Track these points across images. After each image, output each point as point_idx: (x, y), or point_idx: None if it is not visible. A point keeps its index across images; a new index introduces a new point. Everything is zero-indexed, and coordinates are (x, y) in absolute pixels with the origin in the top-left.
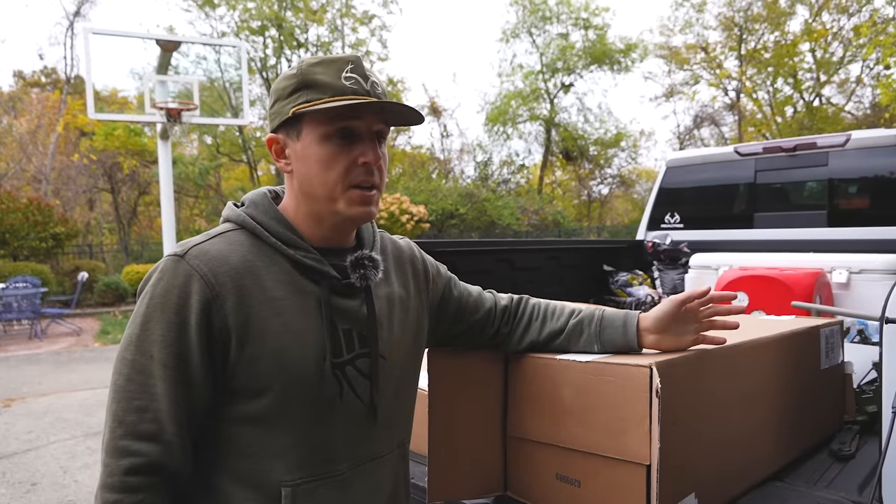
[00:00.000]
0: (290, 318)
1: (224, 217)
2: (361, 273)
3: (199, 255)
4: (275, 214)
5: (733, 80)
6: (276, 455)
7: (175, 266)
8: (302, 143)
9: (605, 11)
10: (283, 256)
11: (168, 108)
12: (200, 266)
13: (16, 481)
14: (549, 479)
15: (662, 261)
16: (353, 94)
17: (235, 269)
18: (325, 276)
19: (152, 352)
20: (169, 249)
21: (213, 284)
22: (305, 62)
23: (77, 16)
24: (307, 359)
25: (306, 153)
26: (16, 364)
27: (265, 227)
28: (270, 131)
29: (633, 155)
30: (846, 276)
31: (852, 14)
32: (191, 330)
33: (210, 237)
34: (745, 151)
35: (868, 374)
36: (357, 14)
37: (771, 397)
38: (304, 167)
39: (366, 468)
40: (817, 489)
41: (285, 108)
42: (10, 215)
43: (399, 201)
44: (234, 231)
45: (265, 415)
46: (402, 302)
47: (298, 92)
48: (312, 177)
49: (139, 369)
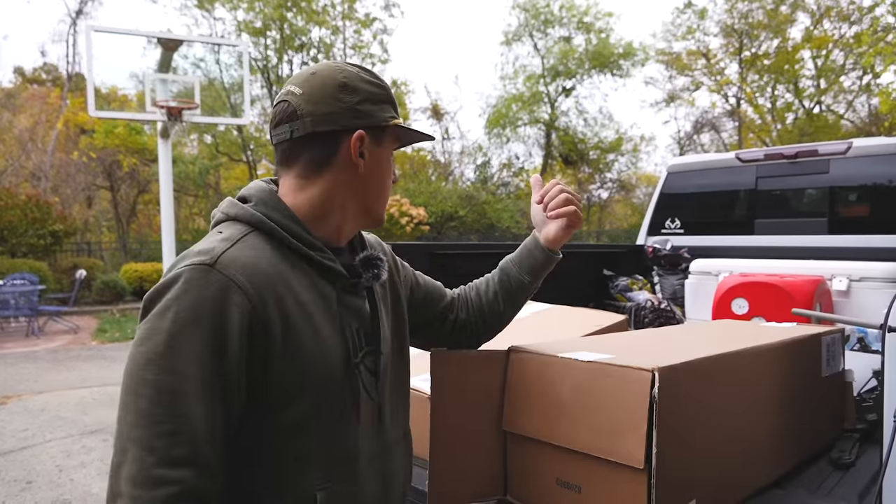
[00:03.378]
0: (318, 322)
1: (228, 215)
2: (374, 273)
3: (230, 263)
4: (288, 213)
5: (734, 86)
6: (308, 460)
7: (205, 276)
8: (383, 151)
9: (609, 16)
10: (302, 258)
11: (169, 106)
12: (236, 276)
13: (11, 479)
14: (550, 484)
15: (662, 266)
16: None
17: (269, 277)
18: (339, 276)
19: (185, 371)
20: (171, 253)
21: (253, 295)
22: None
23: (80, 14)
24: (336, 362)
25: (382, 163)
26: (13, 361)
27: (285, 229)
28: (351, 128)
29: (633, 160)
30: (846, 283)
31: (854, 22)
32: (232, 345)
33: (232, 242)
34: (746, 158)
35: (868, 382)
36: (359, 17)
37: (772, 404)
38: (376, 174)
39: (381, 463)
40: (817, 497)
41: (380, 114)
42: (9, 212)
43: (399, 203)
44: (252, 234)
45: (299, 422)
46: (387, 295)
47: (388, 105)
48: (379, 184)
49: (167, 390)
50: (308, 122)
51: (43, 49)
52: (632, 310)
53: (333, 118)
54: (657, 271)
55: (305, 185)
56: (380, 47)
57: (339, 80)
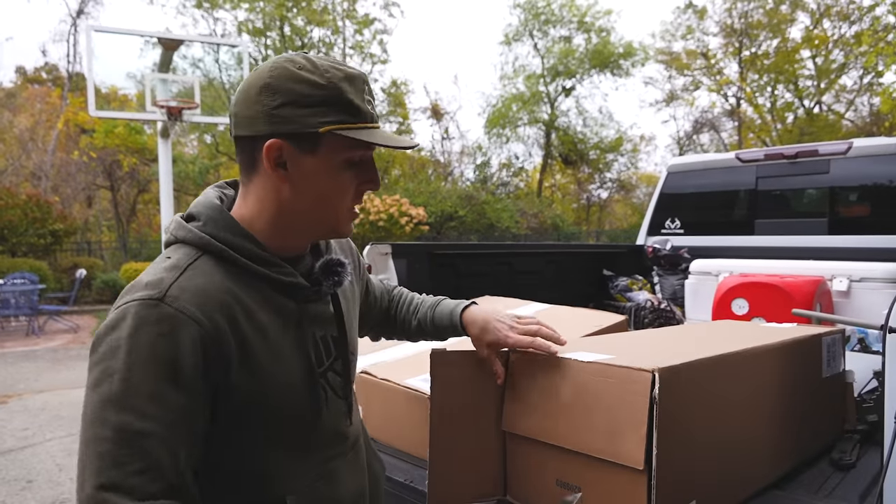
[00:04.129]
0: (275, 341)
1: (177, 237)
2: (335, 280)
3: (180, 294)
4: (239, 230)
5: (733, 85)
6: (276, 472)
7: (155, 311)
8: (317, 161)
9: (609, 14)
10: (256, 277)
11: (169, 106)
12: (187, 307)
13: (11, 478)
14: (549, 485)
15: (662, 266)
16: (371, 119)
17: (222, 303)
18: (299, 288)
19: (145, 409)
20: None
21: (206, 324)
22: (329, 71)
23: (81, 14)
24: (296, 378)
25: (320, 174)
26: (13, 360)
27: (235, 249)
28: (266, 135)
29: (632, 160)
30: (847, 284)
31: (853, 21)
32: (188, 376)
33: (180, 270)
34: (746, 158)
35: (868, 382)
36: (359, 17)
37: (772, 405)
38: (314, 187)
39: (350, 454)
40: (818, 498)
41: (308, 119)
42: (9, 211)
43: (398, 203)
44: (202, 258)
45: (262, 438)
46: (351, 294)
47: (327, 107)
48: (320, 198)
49: (128, 429)
50: (233, 124)
51: (44, 49)
52: (632, 310)
53: (250, 123)
54: (657, 271)
55: (245, 191)
56: (379, 47)
57: (264, 81)
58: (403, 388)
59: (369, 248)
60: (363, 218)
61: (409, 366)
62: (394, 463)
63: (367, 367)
